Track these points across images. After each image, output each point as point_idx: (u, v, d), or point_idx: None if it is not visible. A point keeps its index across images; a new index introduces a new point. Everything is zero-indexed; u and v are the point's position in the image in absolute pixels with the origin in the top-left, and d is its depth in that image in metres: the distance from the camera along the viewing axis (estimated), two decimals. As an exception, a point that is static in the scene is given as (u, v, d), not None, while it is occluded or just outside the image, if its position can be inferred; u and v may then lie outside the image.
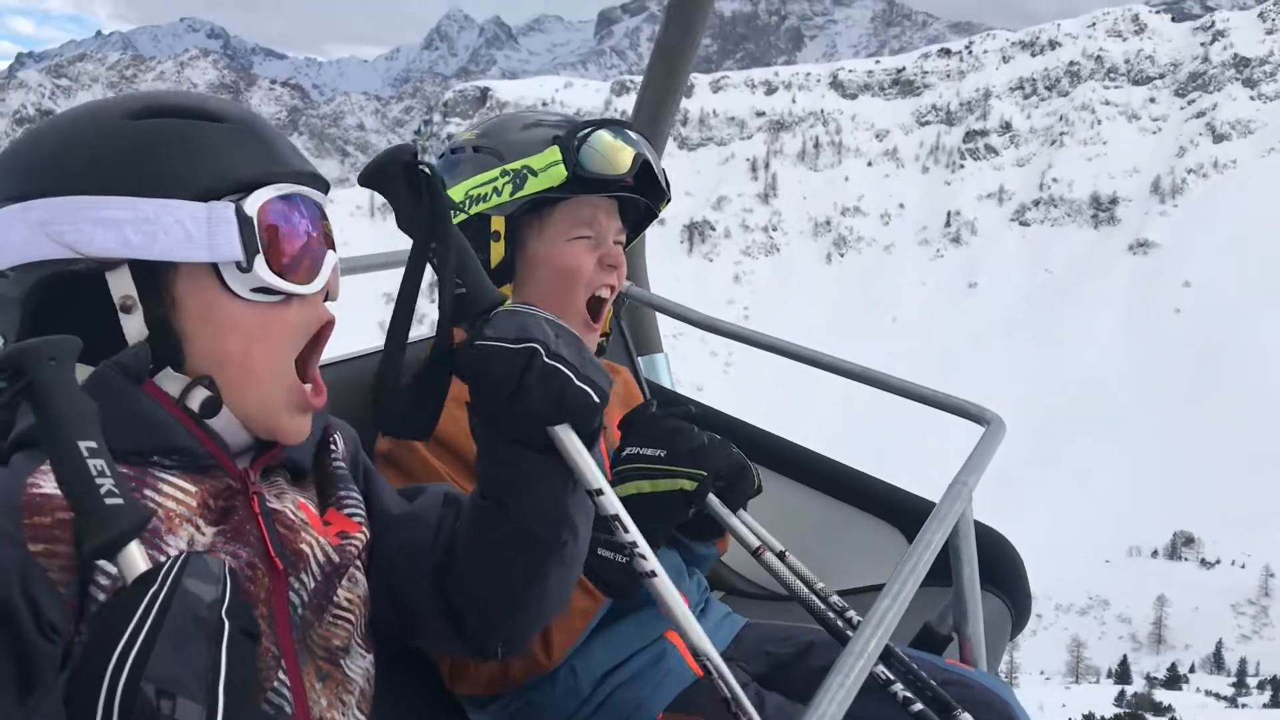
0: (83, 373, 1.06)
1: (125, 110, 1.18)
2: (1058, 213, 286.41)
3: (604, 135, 1.94)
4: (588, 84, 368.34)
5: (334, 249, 1.28)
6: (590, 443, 1.30)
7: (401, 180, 1.29)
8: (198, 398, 1.16)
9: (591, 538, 1.56)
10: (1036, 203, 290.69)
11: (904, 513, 2.74)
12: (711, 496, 1.87)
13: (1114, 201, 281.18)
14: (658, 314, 3.35)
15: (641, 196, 2.06)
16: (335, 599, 1.28)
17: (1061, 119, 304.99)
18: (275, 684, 1.15)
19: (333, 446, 1.41)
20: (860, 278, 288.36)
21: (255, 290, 1.17)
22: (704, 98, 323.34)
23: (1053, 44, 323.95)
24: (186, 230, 1.12)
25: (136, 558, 0.91)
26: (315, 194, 1.25)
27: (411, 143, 1.40)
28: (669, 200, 2.16)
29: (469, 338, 1.24)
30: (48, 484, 1.00)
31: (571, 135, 1.92)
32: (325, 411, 1.34)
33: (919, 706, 1.74)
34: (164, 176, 1.13)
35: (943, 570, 2.08)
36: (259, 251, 1.15)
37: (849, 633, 1.84)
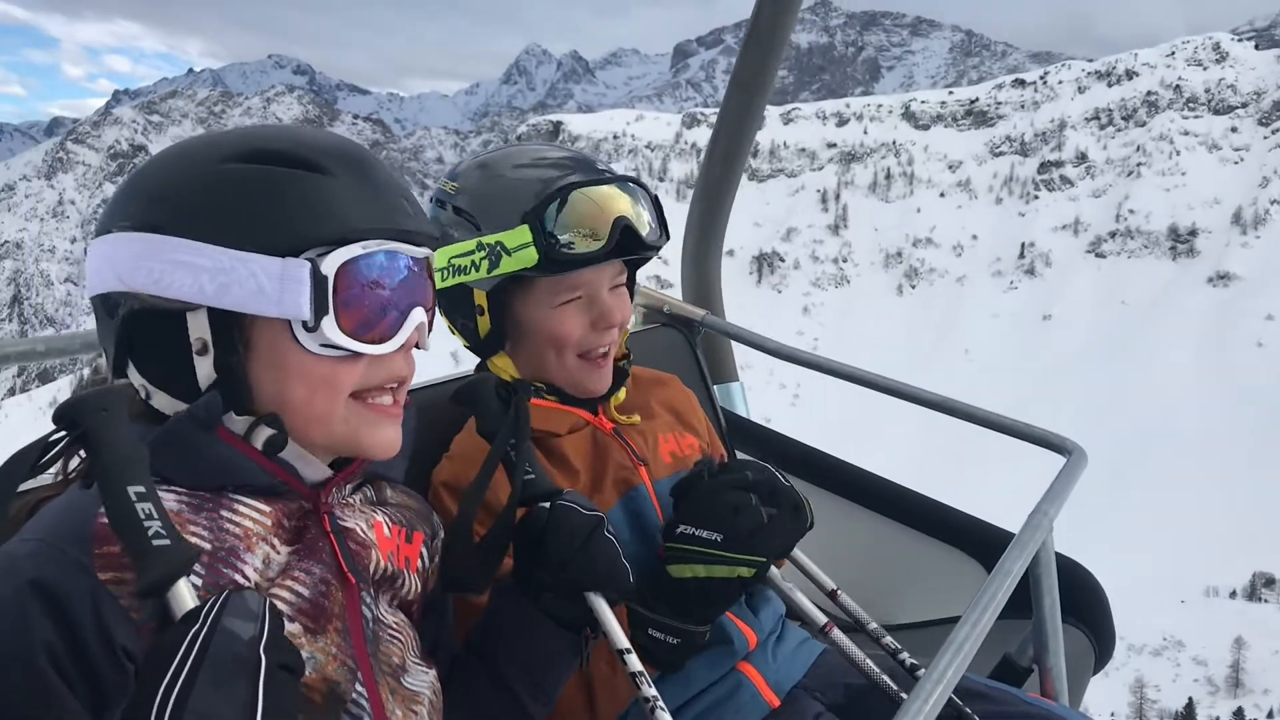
0: (169, 402, 1.19)
1: (228, 152, 1.20)
2: (1134, 244, 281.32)
3: (575, 204, 1.81)
4: (659, 116, 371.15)
5: (427, 305, 1.29)
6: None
7: (491, 396, 1.54)
8: (262, 436, 1.20)
9: (641, 617, 1.72)
10: (1113, 234, 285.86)
11: (983, 543, 2.68)
12: (774, 571, 1.83)
13: (1193, 233, 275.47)
14: (733, 343, 3.32)
15: (624, 255, 1.89)
16: (387, 619, 1.34)
17: (1138, 149, 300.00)
18: (354, 695, 1.19)
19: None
20: (932, 310, 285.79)
21: (324, 345, 1.19)
22: (775, 129, 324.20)
23: (1129, 74, 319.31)
24: (260, 284, 1.14)
25: (185, 595, 0.97)
26: (413, 250, 1.26)
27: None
28: (668, 239, 1.99)
29: (539, 508, 1.44)
30: None
31: (538, 214, 1.79)
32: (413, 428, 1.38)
33: None
34: (247, 228, 1.15)
35: (1023, 602, 2.05)
36: (328, 312, 1.16)
37: (910, 675, 1.79)
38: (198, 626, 0.90)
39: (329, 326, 1.17)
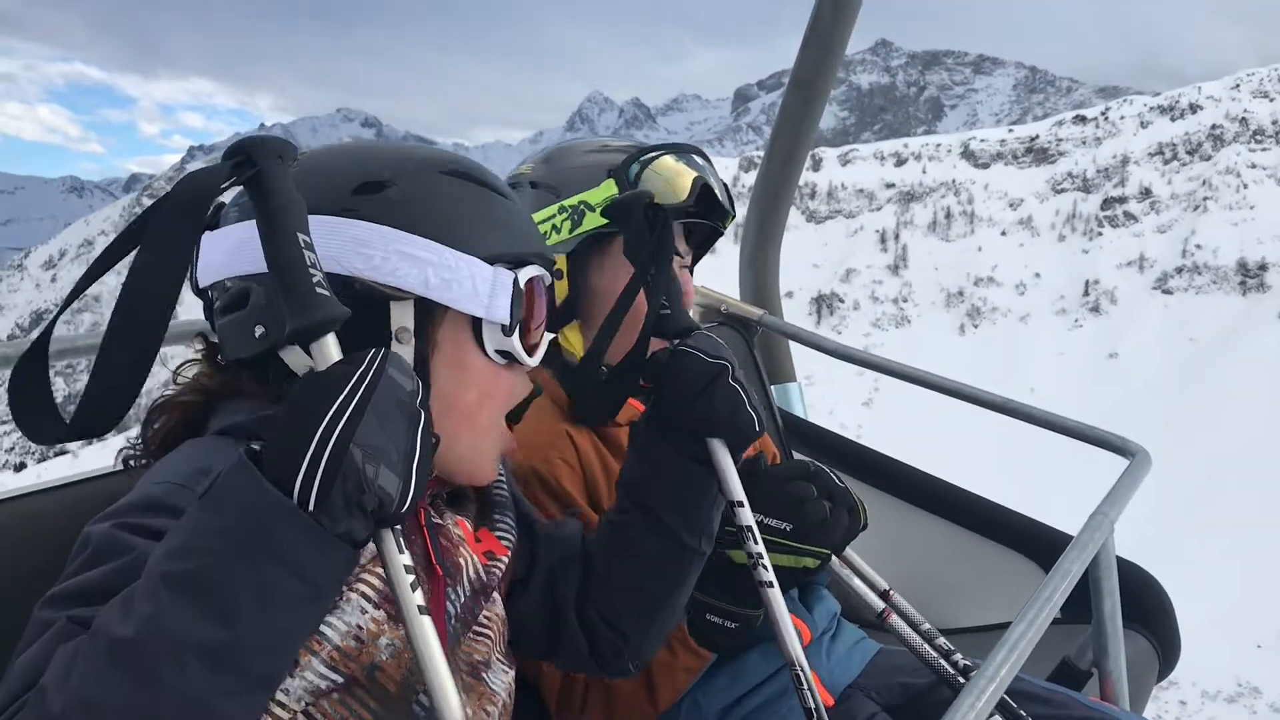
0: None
1: (435, 164, 1.30)
2: (1202, 280, 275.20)
3: (663, 161, 1.89)
4: (717, 161, 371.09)
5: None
6: (736, 462, 1.50)
7: (640, 216, 1.56)
8: None
9: (699, 602, 1.72)
10: (1179, 270, 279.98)
11: (1043, 546, 2.62)
12: (835, 561, 1.84)
13: (1263, 267, 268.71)
14: (794, 347, 3.31)
15: (705, 219, 2.01)
16: (478, 616, 1.37)
17: (1204, 183, 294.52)
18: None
19: (500, 471, 1.51)
20: (995, 349, 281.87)
21: (498, 351, 1.30)
22: (832, 171, 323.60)
23: (1193, 107, 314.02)
24: (475, 286, 1.24)
25: (332, 348, 0.99)
26: (549, 278, 1.39)
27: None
28: (734, 217, 2.07)
29: (667, 349, 1.48)
30: None
31: (627, 166, 1.87)
32: None
33: None
34: (467, 235, 1.26)
35: (1085, 606, 2.03)
36: (520, 320, 1.29)
37: (960, 679, 1.76)
38: (364, 368, 0.92)
39: (515, 334, 1.28)
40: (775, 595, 1.46)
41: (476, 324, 1.28)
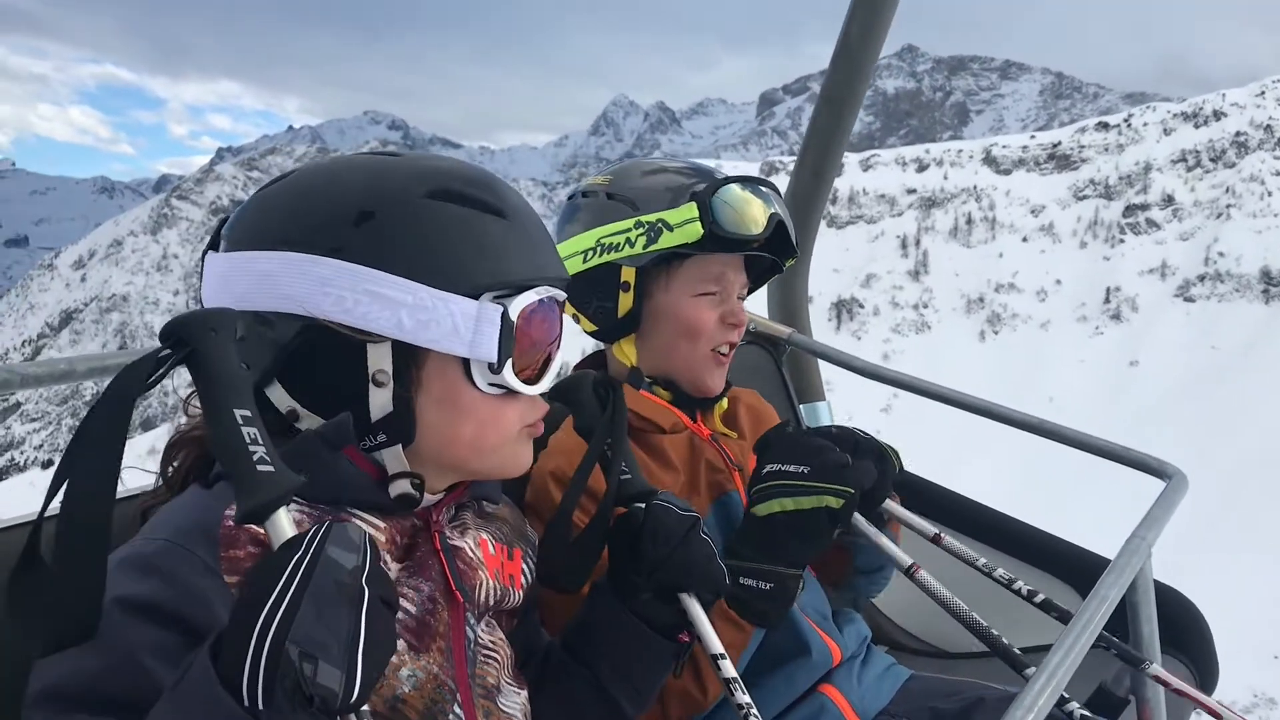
0: (314, 423, 1.20)
1: (419, 187, 1.22)
2: (1225, 288, 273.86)
3: (740, 193, 1.93)
4: (738, 165, 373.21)
5: (559, 342, 1.34)
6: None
7: (589, 393, 1.58)
8: (400, 489, 1.24)
9: (734, 566, 1.71)
10: (1202, 278, 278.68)
11: (1080, 569, 2.59)
12: (858, 516, 1.84)
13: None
14: (820, 363, 3.28)
15: (771, 254, 2.04)
16: (484, 639, 1.36)
17: (1228, 191, 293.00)
18: (452, 716, 1.21)
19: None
20: (1015, 355, 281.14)
21: (492, 385, 1.25)
22: (854, 176, 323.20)
23: (1217, 114, 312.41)
24: (455, 324, 1.17)
25: (284, 524, 0.96)
26: (562, 295, 1.33)
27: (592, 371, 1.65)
28: (796, 258, 2.13)
29: (637, 507, 1.47)
30: None
31: (709, 192, 1.90)
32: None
33: None
34: (447, 268, 1.18)
35: (1120, 631, 1.99)
36: (511, 355, 1.22)
37: (1024, 673, 1.72)
38: (300, 553, 0.89)
39: (507, 368, 1.22)
40: (745, 699, 1.41)
41: (466, 360, 1.22)
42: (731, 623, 1.74)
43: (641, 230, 1.90)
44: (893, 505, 1.93)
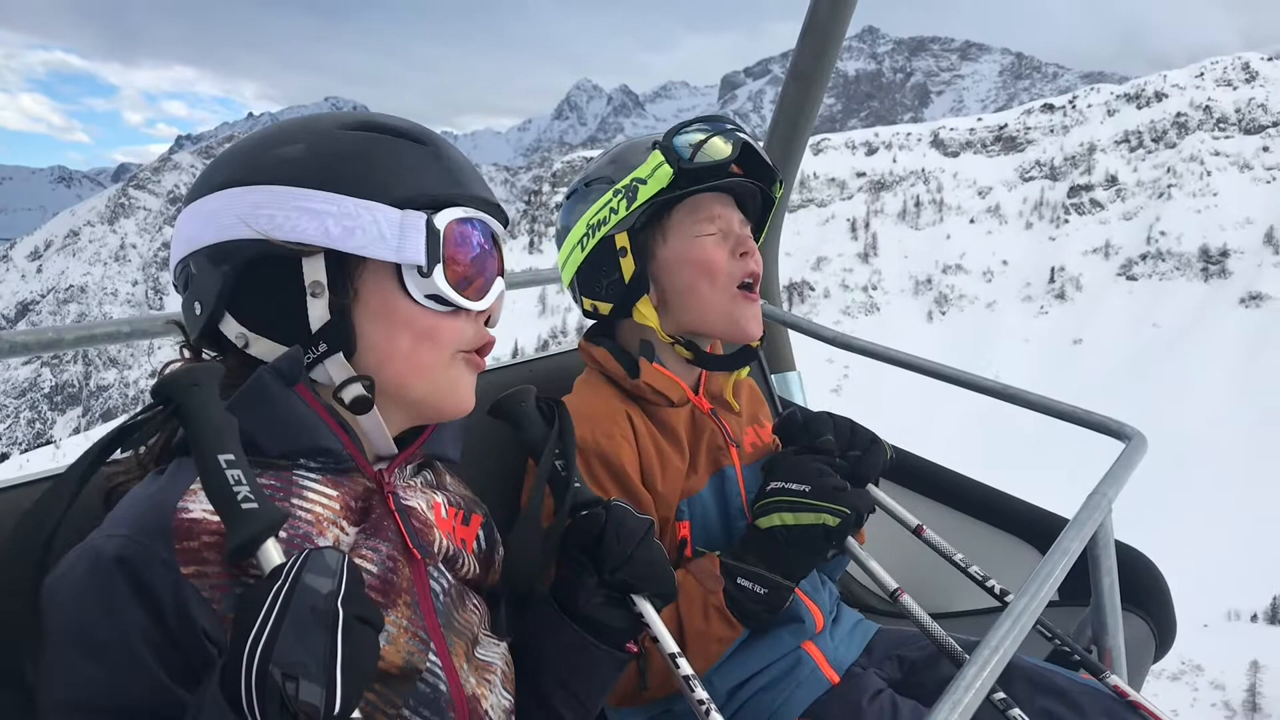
0: (270, 348, 1.26)
1: (341, 122, 1.33)
2: (1166, 266, 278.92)
3: (701, 127, 1.96)
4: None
5: (502, 276, 1.41)
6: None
7: (532, 408, 1.58)
8: (352, 393, 1.28)
9: (731, 567, 1.83)
10: (1144, 257, 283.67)
11: (1041, 529, 2.66)
12: (851, 540, 1.92)
13: (1225, 254, 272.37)
14: (790, 332, 3.35)
15: (751, 180, 2.05)
16: (453, 591, 1.39)
17: (1169, 171, 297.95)
18: (429, 664, 1.24)
19: (483, 509, 1.55)
20: (962, 335, 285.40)
21: (429, 297, 1.29)
22: (804, 160, 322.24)
23: (1159, 95, 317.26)
24: (381, 231, 1.24)
25: (272, 554, 1.03)
26: (495, 223, 1.38)
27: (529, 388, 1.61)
28: (780, 181, 2.13)
29: (590, 514, 1.47)
30: (195, 508, 1.10)
31: (671, 136, 1.95)
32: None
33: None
34: (369, 181, 1.26)
35: (1082, 589, 2.08)
36: (439, 262, 1.27)
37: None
38: (279, 583, 0.95)
39: (438, 275, 1.27)
40: (703, 694, 1.43)
41: (400, 271, 1.28)
42: (725, 620, 1.82)
43: (620, 195, 1.95)
44: (878, 493, 2.04)
